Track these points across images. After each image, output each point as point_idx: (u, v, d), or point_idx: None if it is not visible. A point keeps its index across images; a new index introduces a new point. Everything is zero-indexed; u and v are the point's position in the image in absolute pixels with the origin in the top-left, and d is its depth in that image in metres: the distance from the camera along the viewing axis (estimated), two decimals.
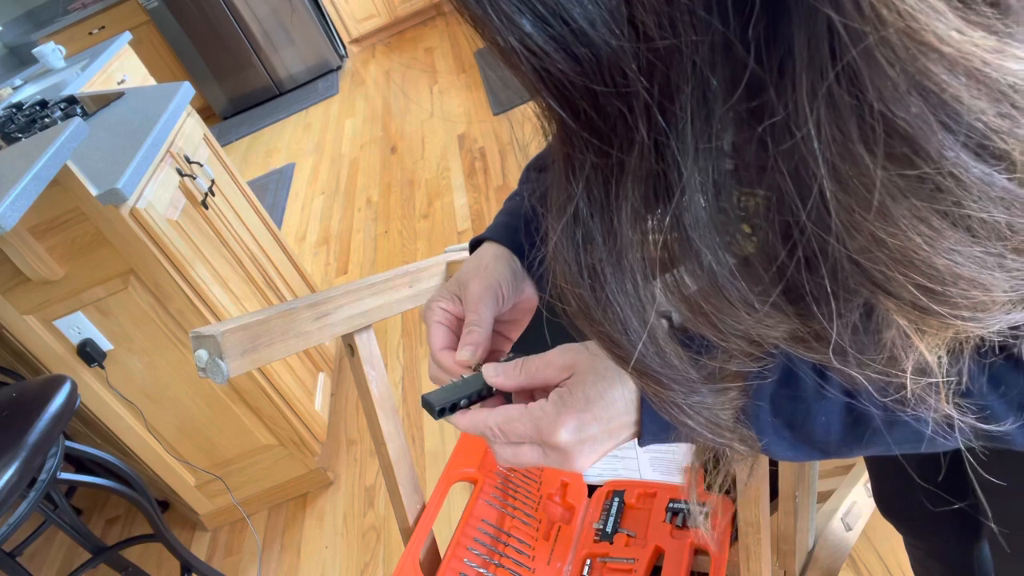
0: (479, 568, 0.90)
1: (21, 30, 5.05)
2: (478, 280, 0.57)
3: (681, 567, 0.88)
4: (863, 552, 1.39)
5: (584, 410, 0.45)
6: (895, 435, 0.41)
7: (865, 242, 0.27)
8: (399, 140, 3.91)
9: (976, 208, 0.25)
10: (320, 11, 5.26)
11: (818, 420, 0.42)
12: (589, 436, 0.46)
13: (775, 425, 0.43)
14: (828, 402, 0.41)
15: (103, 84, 2.86)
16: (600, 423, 0.45)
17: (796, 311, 0.33)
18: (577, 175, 0.31)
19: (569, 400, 0.46)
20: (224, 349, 0.67)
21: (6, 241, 1.46)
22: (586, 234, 0.32)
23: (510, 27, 0.25)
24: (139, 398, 1.79)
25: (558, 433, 0.45)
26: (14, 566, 1.42)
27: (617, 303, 0.33)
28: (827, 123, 0.24)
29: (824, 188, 0.26)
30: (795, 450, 0.44)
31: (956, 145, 0.23)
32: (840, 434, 0.42)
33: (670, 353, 0.36)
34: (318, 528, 1.98)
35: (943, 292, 0.27)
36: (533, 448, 0.47)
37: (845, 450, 0.43)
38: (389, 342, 2.51)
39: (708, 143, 0.27)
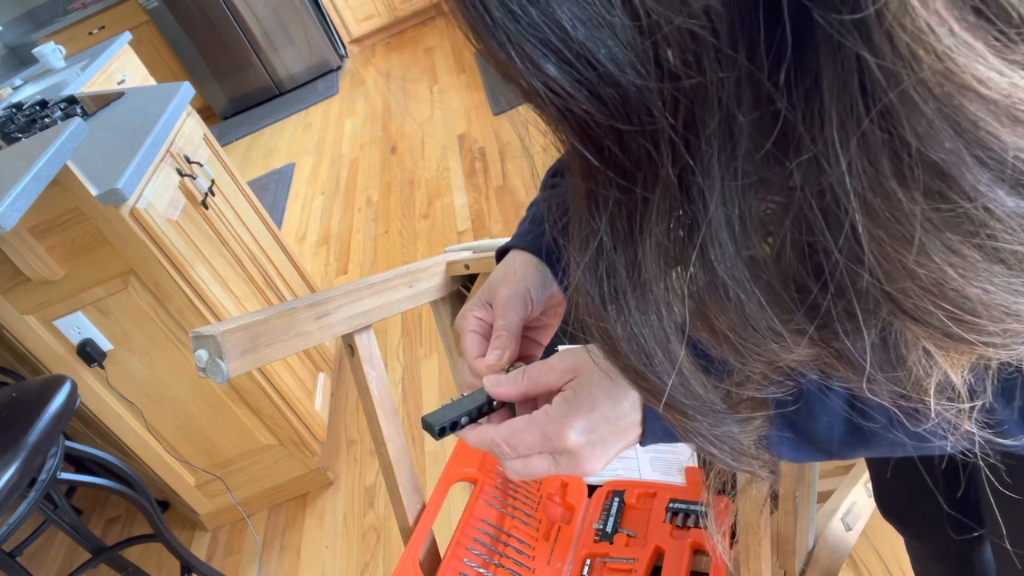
0: (479, 568, 0.90)
1: (21, 30, 5.05)
2: (507, 286, 0.57)
3: (681, 567, 0.88)
4: (863, 552, 1.39)
5: (592, 409, 0.45)
6: (898, 436, 0.41)
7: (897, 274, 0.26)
8: (399, 140, 3.91)
9: (1010, 240, 0.25)
10: (320, 11, 5.26)
11: (820, 420, 0.42)
12: (598, 437, 0.45)
13: (777, 426, 0.43)
14: (830, 403, 0.41)
15: (103, 84, 2.86)
16: (608, 423, 0.45)
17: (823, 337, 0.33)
18: (600, 210, 0.31)
19: (575, 401, 0.45)
20: (224, 349, 0.67)
21: (6, 241, 1.46)
22: (609, 267, 0.32)
23: (534, 71, 0.25)
24: (139, 398, 1.79)
25: (567, 436, 0.45)
26: (14, 566, 1.42)
27: (642, 335, 0.33)
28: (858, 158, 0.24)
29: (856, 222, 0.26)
30: (797, 451, 0.44)
31: (992, 180, 0.23)
32: (843, 434, 0.42)
33: (695, 383, 0.36)
34: (318, 528, 1.98)
35: (974, 321, 0.27)
36: (543, 458, 0.47)
37: (848, 451, 0.43)
38: (389, 342, 2.51)
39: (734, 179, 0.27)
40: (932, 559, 0.97)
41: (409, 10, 5.41)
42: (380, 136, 4.06)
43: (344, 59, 5.51)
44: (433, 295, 0.89)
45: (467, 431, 0.50)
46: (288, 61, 5.32)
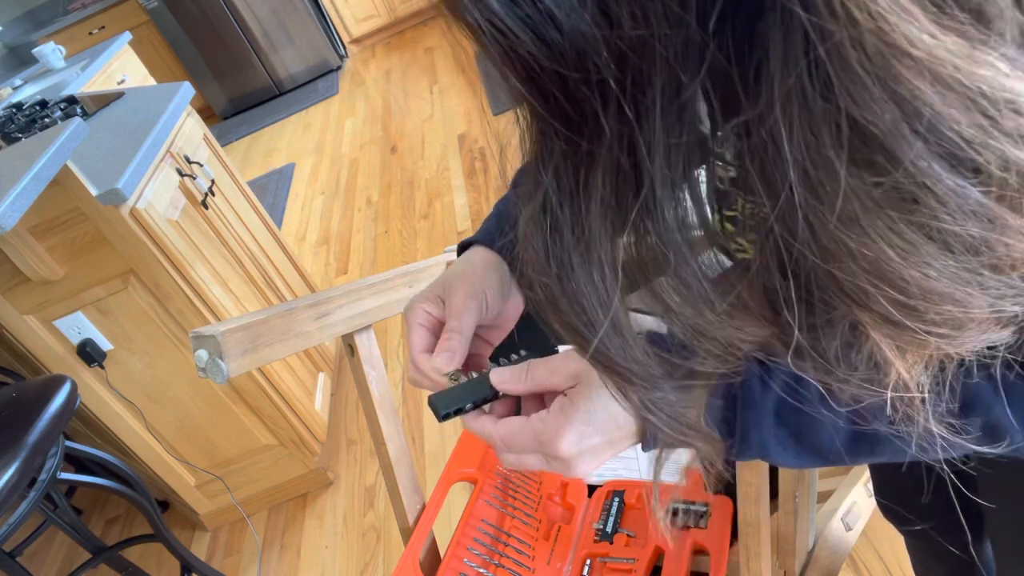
0: (479, 568, 0.90)
1: (21, 30, 5.05)
2: (464, 287, 0.56)
3: (681, 567, 0.88)
4: (863, 552, 1.39)
5: (586, 422, 0.45)
6: (901, 443, 0.40)
7: (836, 251, 0.26)
8: (399, 140, 3.91)
9: (950, 221, 0.24)
10: (320, 11, 5.26)
11: (823, 429, 0.42)
12: (589, 447, 0.46)
13: (779, 436, 0.43)
14: (832, 411, 0.41)
15: (103, 84, 2.86)
16: (601, 435, 0.46)
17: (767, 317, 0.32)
18: (547, 162, 0.31)
19: (571, 411, 0.46)
20: (224, 349, 0.67)
21: (6, 241, 1.46)
22: (554, 223, 0.32)
23: (479, 7, 0.25)
24: (139, 398, 1.79)
25: (559, 446, 0.45)
26: (14, 566, 1.42)
27: (583, 294, 0.33)
28: (799, 126, 0.24)
29: (795, 192, 0.25)
30: (799, 459, 0.44)
31: (930, 155, 0.23)
32: (845, 444, 0.42)
33: (635, 348, 0.35)
34: (318, 528, 1.98)
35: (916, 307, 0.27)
36: (535, 457, 0.48)
37: (851, 459, 0.43)
38: (389, 342, 2.51)
39: (678, 139, 0.27)
40: (932, 558, 0.97)
41: (409, 10, 5.41)
42: (380, 136, 4.06)
43: (344, 59, 5.51)
44: None
45: (469, 418, 0.50)
46: (288, 61, 5.32)
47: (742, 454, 0.45)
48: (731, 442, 0.44)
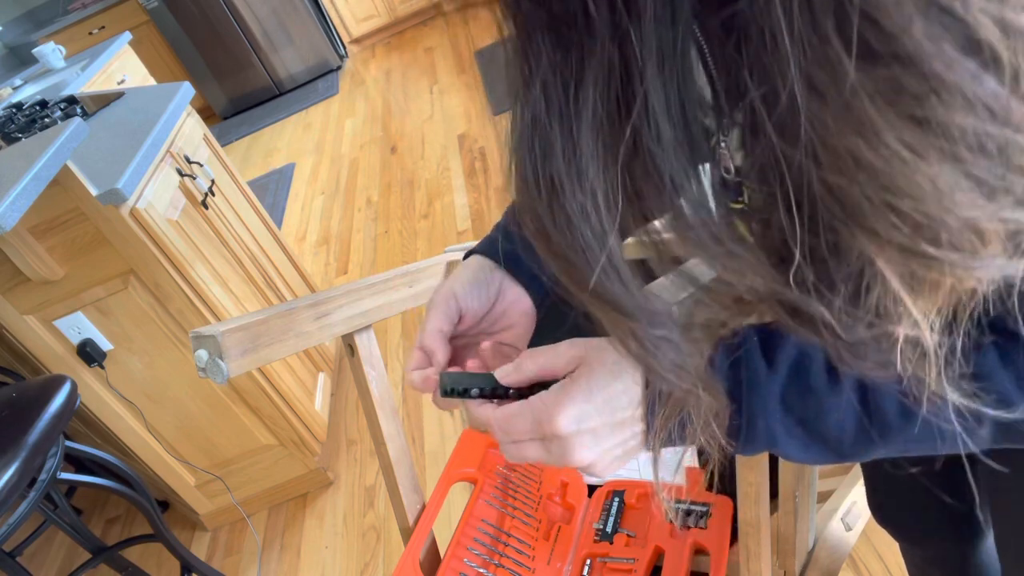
0: (479, 568, 0.90)
1: (21, 30, 5.05)
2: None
3: (681, 567, 0.88)
4: (863, 552, 1.39)
5: (586, 400, 0.43)
6: (911, 432, 0.39)
7: (844, 163, 0.24)
8: (399, 140, 3.91)
9: (962, 116, 0.22)
10: (320, 11, 5.26)
11: (831, 416, 0.41)
12: (589, 428, 0.44)
13: (786, 424, 0.42)
14: (840, 398, 0.40)
15: (103, 84, 2.86)
16: (602, 415, 0.44)
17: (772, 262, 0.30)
18: (534, 78, 0.29)
19: (571, 388, 0.44)
20: (224, 349, 0.67)
21: (6, 241, 1.46)
22: (544, 144, 0.30)
23: None
24: (139, 398, 1.79)
25: (556, 422, 0.43)
26: (14, 566, 1.42)
27: (577, 222, 0.30)
28: (799, 15, 0.22)
29: (796, 94, 0.23)
30: (807, 451, 0.43)
31: (941, 38, 0.21)
32: (854, 432, 0.41)
33: (632, 283, 0.33)
34: (318, 528, 1.98)
35: (927, 225, 0.25)
36: (535, 444, 0.46)
37: (860, 449, 0.42)
38: (389, 342, 2.51)
39: (673, 49, 0.25)
40: (929, 564, 0.97)
41: (409, 10, 5.41)
42: (380, 136, 4.06)
43: (344, 59, 5.51)
44: None
45: (472, 405, 0.50)
46: (288, 61, 5.31)
47: (749, 442, 0.43)
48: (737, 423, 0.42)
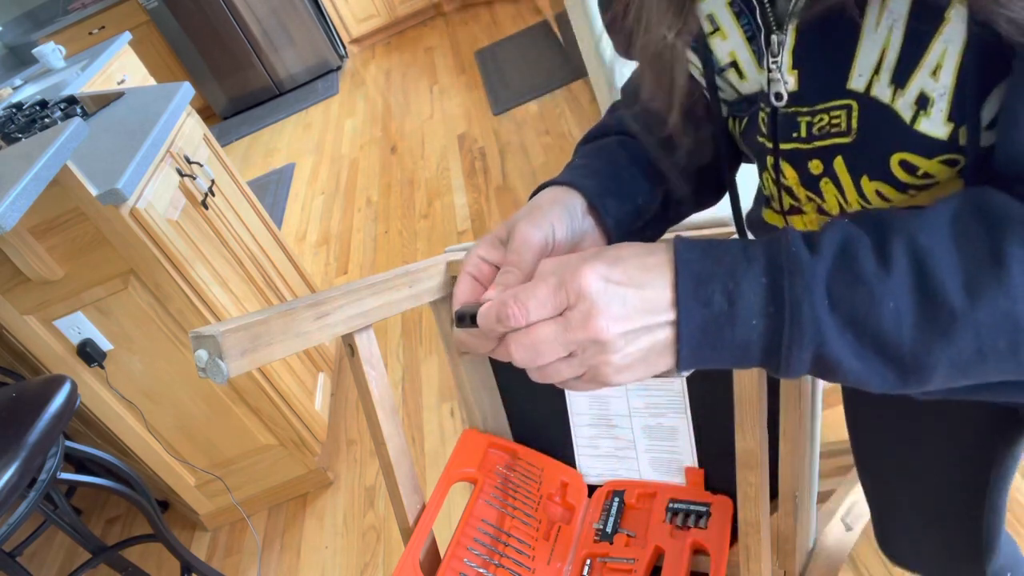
0: (479, 568, 0.90)
1: (21, 30, 5.04)
2: (527, 221, 0.51)
3: (681, 567, 0.88)
4: (863, 552, 1.39)
5: (614, 262, 0.40)
6: (981, 318, 0.35)
7: None
8: (399, 140, 3.91)
9: None
10: (320, 11, 5.26)
11: (885, 307, 0.37)
12: (615, 290, 0.40)
13: (836, 324, 0.38)
14: (894, 280, 0.36)
15: (103, 84, 2.86)
16: (632, 281, 0.40)
17: None
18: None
19: (599, 252, 0.41)
20: (224, 349, 0.67)
21: (6, 241, 1.46)
22: None
23: None
24: (139, 398, 1.79)
25: (583, 275, 0.39)
26: (14, 566, 1.42)
27: None
28: None
29: None
30: (861, 360, 0.38)
31: None
32: (914, 325, 0.37)
33: None
34: (318, 528, 1.98)
35: None
36: (552, 323, 0.41)
37: (922, 350, 0.37)
38: (389, 342, 2.51)
39: None
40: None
41: (409, 10, 5.41)
42: (380, 136, 4.06)
43: (344, 59, 5.51)
44: (433, 295, 0.88)
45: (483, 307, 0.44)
46: (288, 61, 5.31)
47: (795, 342, 0.38)
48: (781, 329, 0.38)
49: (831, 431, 1.56)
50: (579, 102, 3.31)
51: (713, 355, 0.41)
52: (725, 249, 0.41)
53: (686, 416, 0.96)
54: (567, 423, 1.04)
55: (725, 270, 0.39)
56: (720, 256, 0.40)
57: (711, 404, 0.93)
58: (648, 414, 0.99)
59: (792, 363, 0.39)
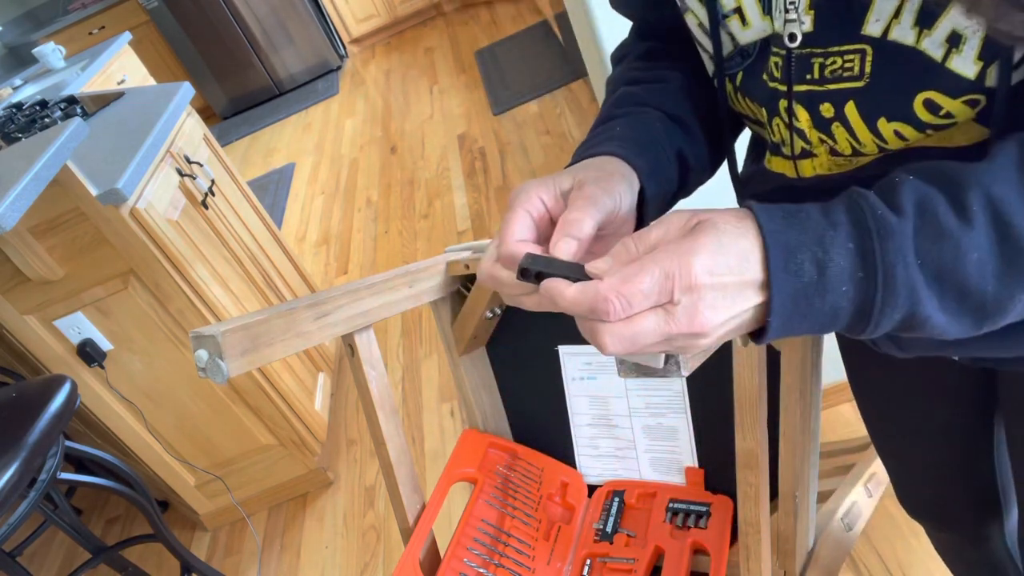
0: (479, 568, 0.90)
1: (21, 30, 5.05)
2: (597, 184, 0.48)
3: (681, 567, 0.88)
4: (863, 552, 1.39)
5: (717, 251, 0.39)
6: None
7: None
8: (399, 140, 3.91)
9: None
10: (320, 11, 5.26)
11: (969, 258, 0.38)
12: (721, 283, 0.39)
13: (926, 282, 0.38)
14: (976, 232, 0.38)
15: (103, 84, 2.86)
16: (733, 272, 0.39)
17: None
18: None
19: (700, 237, 0.39)
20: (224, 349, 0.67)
21: (6, 241, 1.46)
22: None
23: None
24: (139, 398, 1.79)
25: (693, 268, 0.38)
26: (14, 566, 1.42)
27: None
28: None
29: None
30: (946, 312, 0.39)
31: None
32: (996, 271, 0.38)
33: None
34: (318, 528, 1.98)
35: None
36: (655, 315, 0.39)
37: (1005, 296, 0.39)
38: (389, 342, 2.51)
39: None
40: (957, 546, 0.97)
41: (409, 10, 5.41)
42: (380, 136, 4.06)
43: (344, 59, 5.51)
44: (433, 295, 0.89)
45: (562, 285, 0.41)
46: (288, 61, 5.32)
47: (888, 303, 0.39)
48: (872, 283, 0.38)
49: (831, 431, 1.56)
50: (579, 102, 3.31)
51: (802, 324, 0.40)
52: (806, 214, 0.40)
53: (686, 416, 0.96)
54: (567, 423, 1.04)
55: (812, 237, 0.39)
56: (803, 223, 0.40)
57: (711, 404, 0.93)
58: (648, 414, 0.99)
59: (883, 324, 0.40)
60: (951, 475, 0.86)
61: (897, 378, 0.79)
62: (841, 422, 1.57)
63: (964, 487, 0.87)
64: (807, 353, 0.76)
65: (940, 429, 0.82)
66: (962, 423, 0.80)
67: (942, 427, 0.81)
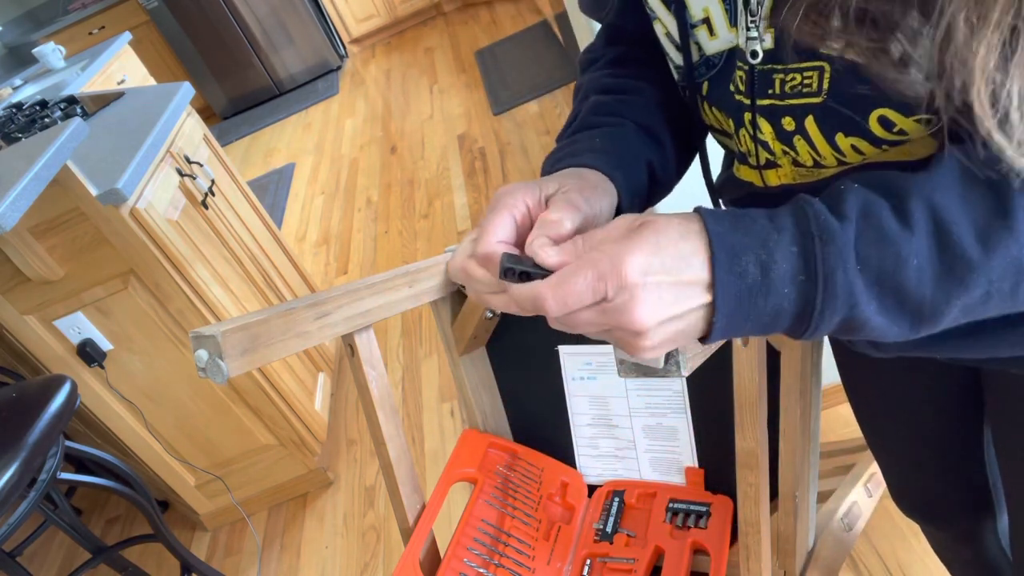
0: (479, 568, 0.90)
1: (21, 30, 5.05)
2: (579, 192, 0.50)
3: (681, 567, 0.88)
4: (863, 552, 1.39)
5: (653, 252, 0.40)
6: (994, 266, 0.38)
7: None
8: (399, 140, 3.91)
9: None
10: (320, 11, 5.26)
11: (909, 264, 0.39)
12: (655, 281, 0.40)
13: (865, 286, 0.40)
14: (917, 238, 0.39)
15: (103, 84, 2.86)
16: (669, 272, 0.40)
17: None
18: None
19: (637, 237, 0.41)
20: (224, 349, 0.67)
21: (6, 241, 1.46)
22: None
23: None
24: (139, 398, 1.79)
25: (623, 267, 0.40)
26: (14, 566, 1.42)
27: None
28: None
29: None
30: (884, 315, 0.41)
31: None
32: (935, 277, 0.39)
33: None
34: (318, 528, 1.98)
35: None
36: (589, 312, 0.42)
37: (942, 301, 0.40)
38: (389, 342, 2.51)
39: None
40: (954, 544, 0.98)
41: (409, 10, 5.41)
42: (380, 136, 4.06)
43: (344, 59, 5.51)
44: (433, 295, 0.89)
45: (516, 286, 0.44)
46: (288, 61, 5.31)
47: (828, 306, 0.40)
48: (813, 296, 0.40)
49: (831, 431, 1.56)
50: None
51: (745, 324, 0.42)
52: (751, 219, 0.42)
53: (686, 416, 0.96)
54: (567, 423, 1.04)
55: (757, 240, 0.41)
56: (749, 227, 0.41)
57: (711, 404, 0.93)
58: (648, 414, 0.99)
59: (821, 327, 0.41)
60: (942, 474, 0.87)
61: (887, 376, 0.80)
62: (841, 422, 1.57)
63: (956, 486, 0.88)
64: (807, 353, 0.76)
65: (930, 428, 0.83)
66: (952, 422, 0.81)
67: (932, 426, 0.82)
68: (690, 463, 0.98)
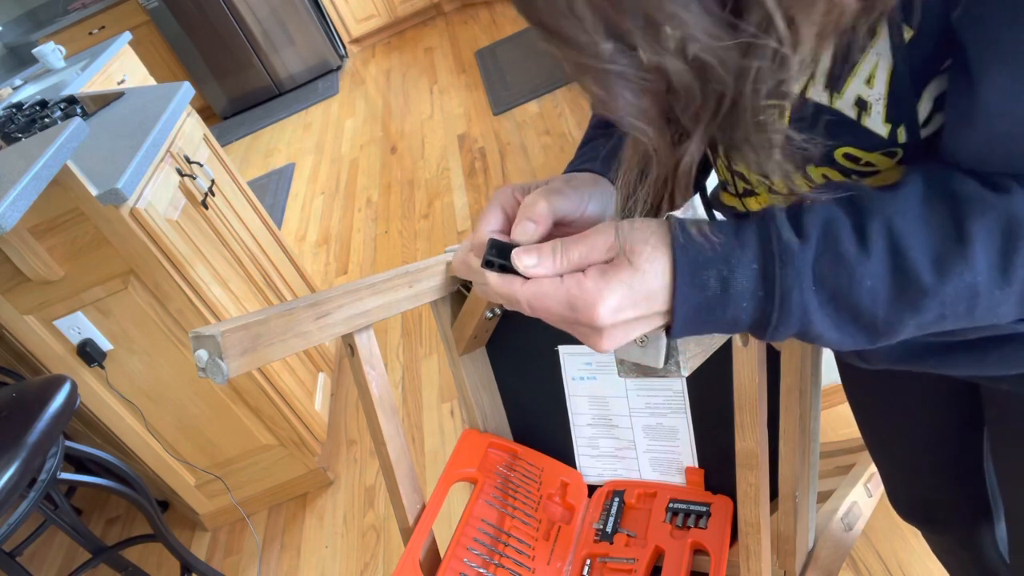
0: (479, 568, 0.90)
1: (21, 30, 5.05)
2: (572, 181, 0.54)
3: (681, 567, 0.88)
4: (863, 552, 1.39)
5: (627, 295, 0.43)
6: (947, 291, 0.40)
7: None
8: (399, 140, 3.91)
9: None
10: (320, 11, 5.26)
11: (863, 285, 0.41)
12: (623, 320, 0.44)
13: (819, 304, 0.42)
14: (872, 260, 0.40)
15: (103, 84, 2.86)
16: (637, 309, 0.44)
17: None
18: None
19: (612, 279, 0.44)
20: (224, 349, 0.67)
21: (6, 241, 1.46)
22: None
23: None
24: (139, 398, 1.79)
25: (598, 312, 0.43)
26: (14, 566, 1.42)
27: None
28: None
29: None
30: (839, 329, 0.43)
31: None
32: (888, 298, 0.41)
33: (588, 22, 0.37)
34: (318, 528, 1.98)
35: None
36: (558, 306, 0.45)
37: (895, 320, 0.42)
38: (389, 342, 2.51)
39: None
40: (953, 548, 0.98)
41: (409, 10, 5.41)
42: (380, 136, 4.06)
43: (344, 59, 5.51)
44: (433, 295, 0.89)
45: (493, 276, 0.47)
46: (288, 61, 5.31)
47: (783, 321, 0.43)
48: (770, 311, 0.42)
49: (831, 431, 1.56)
50: (579, 102, 3.31)
51: (702, 329, 0.45)
52: (719, 231, 0.44)
53: (686, 416, 0.96)
54: (567, 423, 1.04)
55: (720, 255, 0.43)
56: (714, 240, 0.43)
57: (711, 404, 0.93)
58: (648, 414, 0.99)
59: (777, 336, 0.44)
60: (940, 480, 0.87)
61: (886, 383, 0.80)
62: (841, 422, 1.57)
63: (954, 492, 0.87)
64: (807, 353, 0.76)
65: (929, 435, 0.83)
66: (951, 430, 0.81)
67: (931, 433, 0.83)
68: (690, 463, 0.98)
